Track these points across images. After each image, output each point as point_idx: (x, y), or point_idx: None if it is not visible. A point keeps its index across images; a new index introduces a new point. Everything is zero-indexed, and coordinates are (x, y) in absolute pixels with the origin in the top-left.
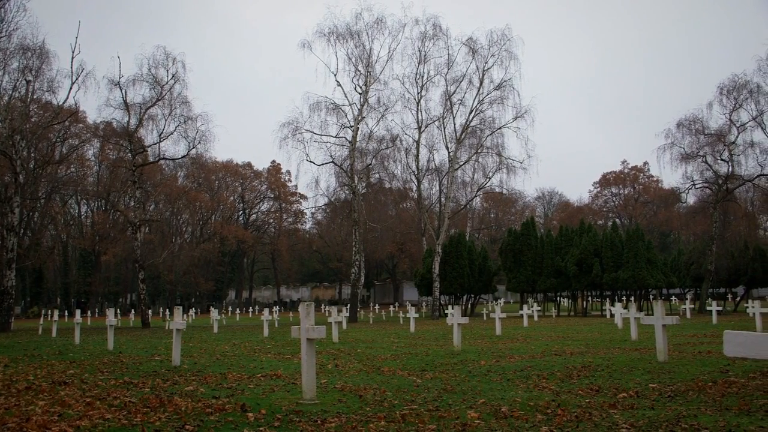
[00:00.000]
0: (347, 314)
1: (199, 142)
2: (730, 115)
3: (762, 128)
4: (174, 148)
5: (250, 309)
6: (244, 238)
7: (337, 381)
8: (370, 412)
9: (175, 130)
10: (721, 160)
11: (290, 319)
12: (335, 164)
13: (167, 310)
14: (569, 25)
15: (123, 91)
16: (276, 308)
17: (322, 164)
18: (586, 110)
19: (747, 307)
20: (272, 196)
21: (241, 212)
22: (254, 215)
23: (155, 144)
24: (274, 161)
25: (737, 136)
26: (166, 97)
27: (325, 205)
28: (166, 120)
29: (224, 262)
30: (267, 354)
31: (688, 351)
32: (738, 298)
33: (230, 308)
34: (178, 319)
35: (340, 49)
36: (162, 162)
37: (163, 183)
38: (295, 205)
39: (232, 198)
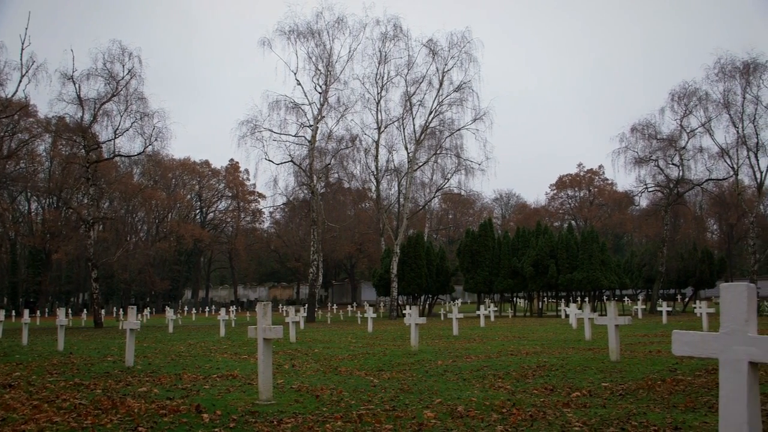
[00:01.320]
0: (305, 314)
1: (156, 139)
2: (681, 121)
3: (710, 134)
4: (130, 144)
5: (207, 309)
6: (201, 237)
7: (293, 381)
8: (327, 413)
9: (131, 127)
10: (673, 164)
11: (247, 319)
12: (294, 163)
13: (121, 309)
14: (528, 29)
15: (76, 86)
16: (233, 308)
17: (281, 163)
18: (544, 113)
19: (695, 308)
20: (230, 194)
21: (198, 211)
22: (212, 214)
23: (110, 140)
24: (232, 159)
25: (687, 142)
26: (121, 92)
27: (283, 204)
28: (121, 116)
29: (180, 261)
30: (223, 354)
31: (640, 350)
32: (687, 299)
33: (186, 308)
34: (132, 318)
35: (300, 47)
36: (117, 159)
37: (118, 180)
38: (253, 204)
39: (189, 196)
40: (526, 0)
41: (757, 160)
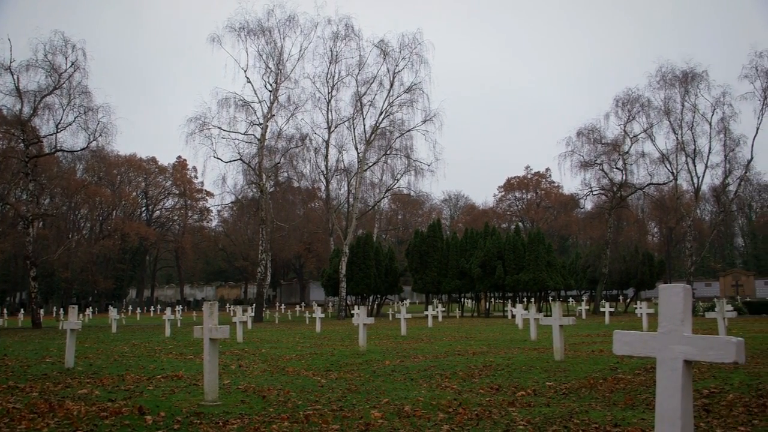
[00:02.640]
0: (253, 314)
1: (100, 135)
2: (625, 127)
3: (651, 140)
4: (72, 139)
5: (152, 308)
6: (146, 235)
7: (240, 382)
8: (274, 413)
9: (74, 121)
10: (616, 168)
11: (194, 319)
12: (243, 162)
13: (62, 309)
14: (479, 32)
15: (15, 77)
16: (179, 307)
17: (230, 161)
18: (494, 116)
19: (636, 308)
20: (177, 192)
21: (144, 208)
22: (158, 212)
23: (52, 135)
24: (180, 157)
25: (630, 147)
26: (64, 85)
27: (232, 203)
28: (64, 110)
29: (125, 259)
30: (168, 354)
31: (583, 350)
32: (628, 300)
33: (131, 307)
34: (72, 318)
35: (250, 45)
36: (59, 154)
37: (59, 176)
38: (201, 203)
39: (134, 193)
40: (477, 4)
41: (695, 166)
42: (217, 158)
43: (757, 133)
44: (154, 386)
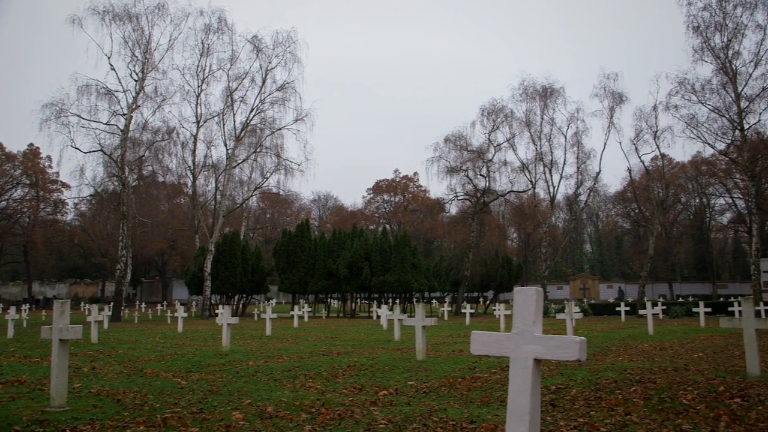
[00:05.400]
0: (110, 313)
1: None
2: (489, 135)
3: (513, 149)
4: None
5: None
6: None
7: (92, 385)
8: (128, 417)
9: None
10: (480, 175)
11: (43, 318)
12: (104, 153)
13: None
14: (352, 34)
15: None
16: (25, 306)
17: (90, 152)
18: (367, 119)
19: (494, 310)
20: (28, 182)
21: None
22: (4, 202)
23: None
24: (32, 144)
25: (494, 155)
26: None
27: (90, 196)
28: None
29: None
30: (10, 358)
31: (444, 350)
32: (488, 302)
33: None
34: None
35: (116, 30)
36: None
37: None
38: (55, 194)
39: None
40: (350, 6)
41: (551, 176)
42: (76, 148)
43: (604, 148)
44: None
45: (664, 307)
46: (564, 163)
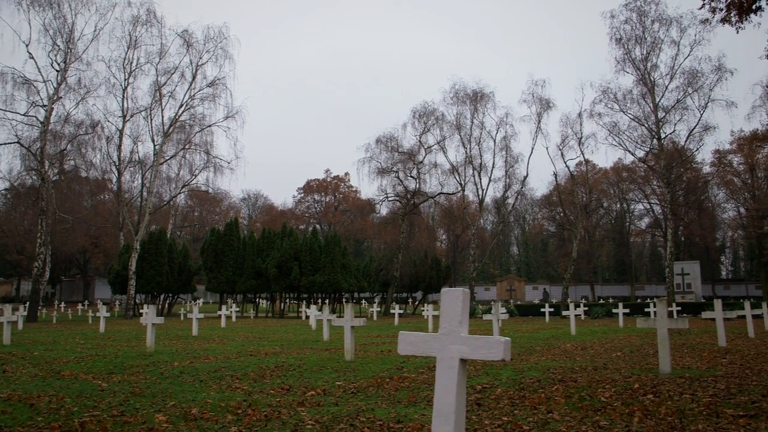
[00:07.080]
0: (25, 313)
1: None
2: (420, 137)
3: (444, 152)
4: None
5: None
6: None
7: (3, 389)
8: (43, 422)
9: None
10: (411, 177)
11: None
12: (22, 145)
13: None
14: (289, 33)
15: None
16: None
17: (5, 144)
18: (298, 118)
19: (423, 311)
20: None
21: None
22: None
23: None
24: None
25: (425, 157)
26: None
27: (6, 190)
28: None
29: None
30: None
31: (372, 350)
32: (417, 302)
33: None
34: None
35: (35, 17)
36: None
37: None
38: None
39: None
40: (285, 3)
41: (480, 179)
42: None
43: (532, 152)
44: None
45: (586, 309)
46: (493, 167)
